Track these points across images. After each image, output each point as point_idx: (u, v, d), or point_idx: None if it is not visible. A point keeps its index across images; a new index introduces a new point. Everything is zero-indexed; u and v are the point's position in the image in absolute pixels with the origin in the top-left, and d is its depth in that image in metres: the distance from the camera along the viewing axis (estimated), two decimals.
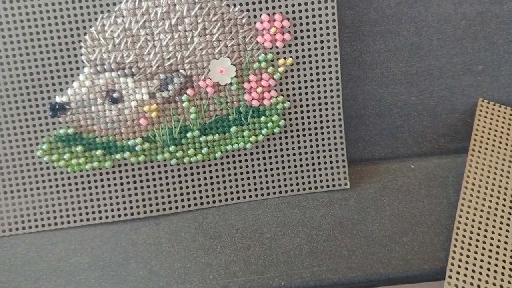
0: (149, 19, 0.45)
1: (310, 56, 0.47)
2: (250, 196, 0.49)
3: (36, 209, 0.47)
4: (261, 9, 0.46)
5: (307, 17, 0.46)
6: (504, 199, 0.46)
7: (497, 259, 0.43)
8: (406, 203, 0.48)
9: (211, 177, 0.48)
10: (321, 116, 0.48)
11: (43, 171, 0.47)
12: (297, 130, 0.49)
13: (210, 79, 0.46)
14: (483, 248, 0.43)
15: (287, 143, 0.49)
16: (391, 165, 0.52)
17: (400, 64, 0.50)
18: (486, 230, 0.44)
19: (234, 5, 0.45)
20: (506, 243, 0.44)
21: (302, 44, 0.47)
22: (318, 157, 0.49)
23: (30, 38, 0.44)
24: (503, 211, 0.45)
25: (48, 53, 0.45)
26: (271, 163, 0.49)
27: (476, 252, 0.43)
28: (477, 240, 0.43)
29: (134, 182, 0.48)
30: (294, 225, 0.47)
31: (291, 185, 0.49)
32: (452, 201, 0.48)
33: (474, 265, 0.42)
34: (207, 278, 0.44)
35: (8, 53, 0.44)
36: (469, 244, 0.43)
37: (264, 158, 0.49)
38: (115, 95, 0.46)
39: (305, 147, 0.49)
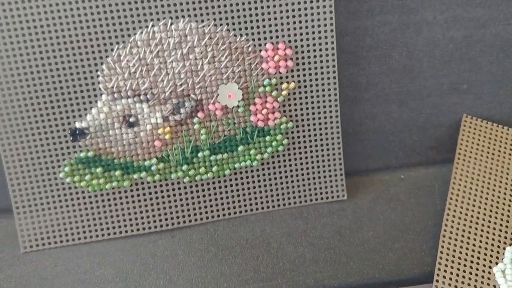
0: (162, 49, 0.48)
1: (311, 80, 0.51)
2: (257, 209, 0.53)
3: (61, 226, 0.51)
4: (265, 38, 0.49)
5: (308, 45, 0.50)
6: (485, 209, 0.51)
7: (478, 263, 0.48)
8: (397, 211, 0.54)
9: (220, 193, 0.53)
10: (321, 134, 0.53)
11: (65, 191, 0.50)
12: (299, 148, 0.53)
13: (219, 102, 0.50)
14: (466, 254, 0.48)
15: (290, 160, 0.53)
16: (384, 176, 0.56)
17: (392, 85, 0.55)
18: (469, 238, 0.49)
19: (241, 35, 0.49)
20: (486, 249, 0.49)
21: (304, 69, 0.50)
22: (318, 172, 0.54)
23: (49, 68, 0.47)
24: (483, 219, 0.51)
25: (67, 82, 0.48)
26: (275, 178, 0.53)
27: (460, 258, 0.48)
28: (461, 247, 0.49)
29: (151, 199, 0.52)
30: (297, 235, 0.52)
31: (294, 197, 0.54)
32: (439, 209, 0.53)
33: (459, 269, 0.47)
34: (222, 286, 0.48)
35: (29, 82, 0.47)
36: (454, 250, 0.48)
37: (269, 174, 0.53)
38: (131, 119, 0.49)
39: (307, 163, 0.53)
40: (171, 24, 0.47)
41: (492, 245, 0.49)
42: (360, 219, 0.53)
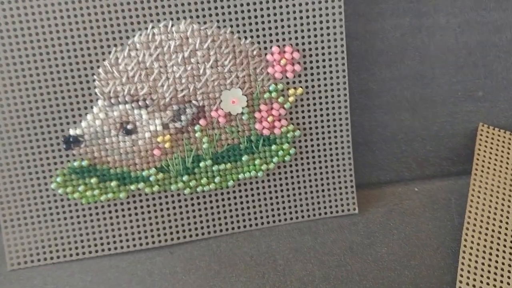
0: (162, 52, 0.45)
1: (319, 86, 0.48)
2: (262, 223, 0.50)
3: (51, 241, 0.47)
4: (271, 41, 0.47)
5: (316, 48, 0.47)
6: (507, 222, 0.48)
7: (501, 281, 0.45)
8: (412, 226, 0.50)
9: (223, 205, 0.49)
10: (330, 143, 0.50)
11: (57, 203, 0.47)
12: (307, 158, 0.50)
13: (222, 109, 0.47)
14: (488, 271, 0.45)
15: (297, 171, 0.50)
16: (397, 189, 0.53)
17: (404, 92, 0.52)
18: (490, 254, 0.46)
19: (246, 38, 0.46)
20: (509, 265, 0.45)
21: (312, 74, 0.48)
22: (328, 184, 0.50)
23: (43, 71, 0.45)
24: (506, 234, 0.47)
25: (61, 86, 0.45)
26: (282, 191, 0.50)
27: (482, 276, 0.45)
28: (483, 263, 0.45)
29: (149, 212, 0.48)
30: (306, 251, 0.48)
31: (302, 211, 0.51)
32: (456, 223, 0.50)
33: (481, 287, 0.44)
34: None
35: (21, 86, 0.45)
36: (475, 267, 0.45)
37: (275, 186, 0.50)
38: (129, 126, 0.46)
39: (315, 174, 0.50)
40: (172, 25, 0.45)
41: None
42: (372, 234, 0.49)
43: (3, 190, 0.46)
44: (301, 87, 0.48)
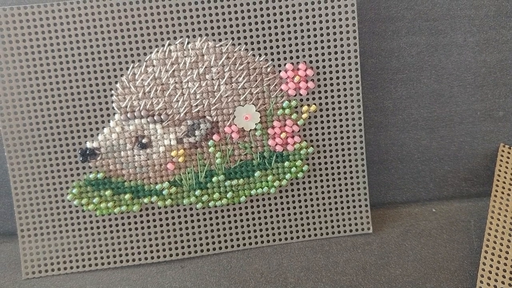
0: (178, 68, 0.46)
1: (333, 103, 0.48)
2: (274, 240, 0.50)
3: (65, 252, 0.48)
4: (285, 58, 0.47)
5: (330, 66, 0.47)
6: None
7: None
8: (429, 248, 0.49)
9: (235, 221, 0.49)
10: (344, 161, 0.49)
11: (72, 214, 0.48)
12: (321, 175, 0.49)
13: (235, 125, 0.48)
14: None
15: (310, 188, 0.50)
16: (413, 209, 0.52)
17: (421, 110, 0.51)
18: (511, 279, 0.44)
19: (260, 55, 0.47)
20: None
21: (325, 91, 0.48)
22: (341, 202, 0.50)
23: (63, 86, 0.46)
24: None
25: (80, 100, 0.47)
26: (294, 208, 0.50)
27: None
28: None
29: (161, 225, 0.49)
30: (317, 270, 0.47)
31: (315, 229, 0.50)
32: (475, 246, 0.48)
33: None
34: None
35: (42, 100, 0.46)
36: None
37: (287, 203, 0.50)
38: (144, 140, 0.47)
39: (328, 191, 0.50)
40: (188, 43, 0.46)
41: None
42: (387, 254, 0.48)
43: (21, 200, 0.47)
44: (315, 104, 0.48)
